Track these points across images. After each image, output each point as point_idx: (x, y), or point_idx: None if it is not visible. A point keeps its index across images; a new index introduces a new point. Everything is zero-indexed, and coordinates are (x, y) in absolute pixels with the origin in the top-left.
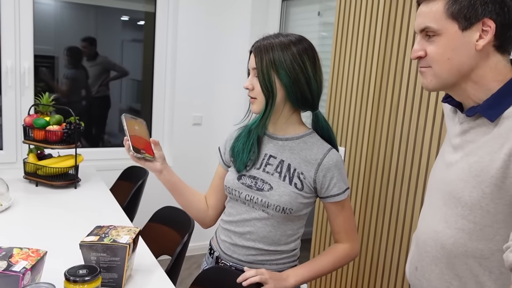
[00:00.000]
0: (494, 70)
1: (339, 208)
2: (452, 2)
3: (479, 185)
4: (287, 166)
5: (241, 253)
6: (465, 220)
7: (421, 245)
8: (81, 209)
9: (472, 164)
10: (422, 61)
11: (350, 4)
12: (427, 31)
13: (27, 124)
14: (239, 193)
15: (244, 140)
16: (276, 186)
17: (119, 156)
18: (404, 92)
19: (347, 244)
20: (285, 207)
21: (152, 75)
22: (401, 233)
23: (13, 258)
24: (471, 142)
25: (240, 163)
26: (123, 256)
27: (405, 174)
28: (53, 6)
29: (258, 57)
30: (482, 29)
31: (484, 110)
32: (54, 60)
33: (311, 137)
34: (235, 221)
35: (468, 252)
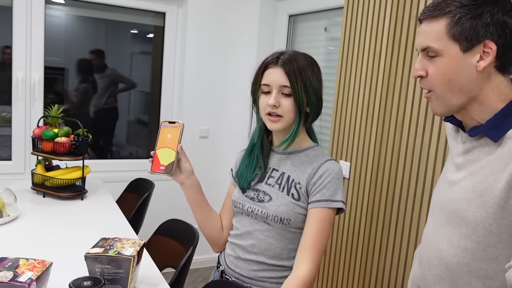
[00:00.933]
0: (497, 91)
1: (317, 217)
2: (454, 24)
3: (482, 204)
4: (286, 178)
5: (244, 267)
6: (469, 240)
7: (425, 263)
8: (87, 221)
9: (476, 184)
10: (424, 81)
11: (356, 19)
12: (428, 50)
13: (36, 135)
14: (243, 205)
15: (246, 162)
16: (275, 197)
17: (126, 168)
18: (409, 107)
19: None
20: (282, 217)
21: (160, 88)
22: (406, 248)
23: (19, 268)
24: (474, 161)
25: (244, 182)
26: (128, 268)
27: (410, 189)
28: (64, 19)
29: (292, 77)
30: (483, 51)
31: (487, 130)
32: (64, 71)
33: (313, 150)
34: (239, 234)
35: (472, 272)
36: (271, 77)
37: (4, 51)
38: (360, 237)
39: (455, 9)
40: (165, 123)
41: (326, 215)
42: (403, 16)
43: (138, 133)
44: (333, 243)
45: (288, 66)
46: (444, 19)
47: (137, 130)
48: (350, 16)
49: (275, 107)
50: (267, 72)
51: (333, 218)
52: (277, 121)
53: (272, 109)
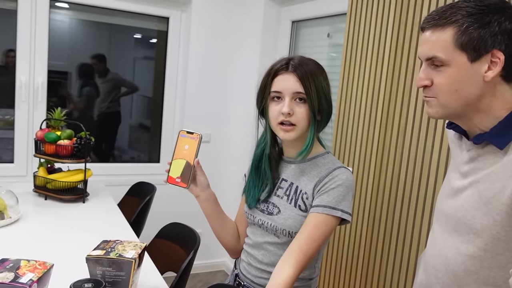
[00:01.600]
0: (501, 99)
1: (313, 221)
2: (462, 33)
3: (490, 212)
4: (295, 189)
5: (255, 275)
6: (476, 248)
7: (431, 270)
8: (89, 224)
9: (483, 191)
10: (428, 90)
11: (359, 26)
12: (434, 60)
13: (39, 138)
14: (254, 217)
15: (253, 177)
16: (283, 209)
17: (128, 171)
18: (412, 114)
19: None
20: (290, 230)
21: (163, 92)
22: (408, 254)
23: (20, 270)
24: (480, 169)
25: (251, 201)
26: (129, 271)
27: (412, 195)
28: (67, 23)
29: (306, 83)
30: (491, 60)
31: (493, 138)
32: (67, 75)
33: (323, 158)
34: (252, 244)
35: (480, 280)
36: (283, 84)
37: (8, 54)
38: (362, 243)
39: (462, 18)
40: (183, 132)
41: (323, 221)
42: (406, 23)
43: (140, 137)
44: (334, 249)
45: (301, 71)
46: (451, 28)
47: (139, 135)
48: (353, 22)
49: (289, 115)
50: (277, 79)
51: (331, 226)
52: (291, 130)
53: (286, 117)
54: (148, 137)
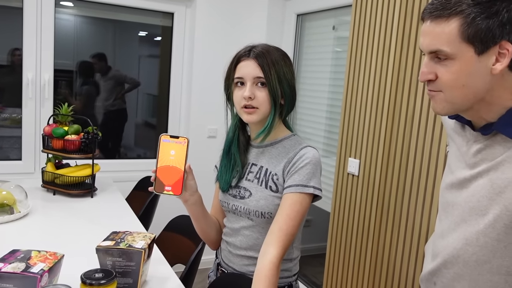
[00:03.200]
0: (509, 89)
1: (288, 201)
2: (468, 24)
3: (502, 202)
4: (264, 171)
5: (236, 262)
6: (488, 238)
7: (440, 261)
8: (97, 217)
9: (495, 181)
10: (432, 84)
11: (364, 17)
12: (438, 53)
13: (46, 133)
14: (228, 203)
15: (224, 162)
16: (254, 192)
17: (135, 167)
18: (419, 104)
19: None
20: (263, 211)
21: (168, 88)
22: (417, 243)
23: (31, 260)
24: (490, 159)
25: (224, 184)
26: (139, 261)
27: (420, 185)
28: (73, 21)
29: (266, 68)
30: (499, 52)
31: (502, 127)
32: (73, 74)
33: (290, 140)
34: (229, 232)
35: (493, 269)
36: (245, 69)
37: (14, 53)
38: (370, 233)
39: (467, 7)
40: (166, 137)
41: (297, 200)
42: (412, 13)
43: (146, 135)
44: (343, 239)
45: (261, 57)
46: (456, 19)
47: (144, 133)
48: (359, 14)
49: (250, 99)
50: (239, 65)
51: (305, 203)
52: (253, 112)
53: (248, 101)
54: (154, 134)
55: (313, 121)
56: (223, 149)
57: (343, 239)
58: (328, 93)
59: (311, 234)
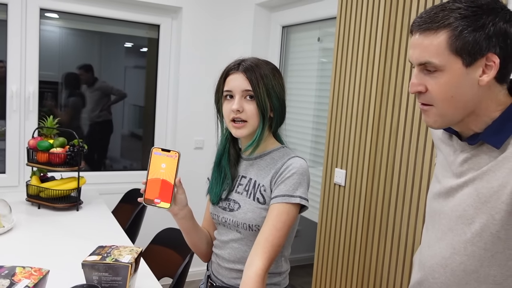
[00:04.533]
0: (495, 101)
1: (274, 212)
2: (456, 37)
3: (488, 211)
4: (253, 183)
5: (225, 275)
6: (475, 247)
7: (428, 270)
8: (83, 231)
9: (480, 190)
10: (422, 96)
11: (349, 29)
12: (427, 65)
13: (31, 146)
14: (217, 216)
15: (215, 174)
16: (243, 204)
17: (121, 180)
18: (403, 115)
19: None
20: (250, 224)
21: (155, 100)
22: (404, 252)
23: (16, 276)
24: (476, 168)
25: (214, 197)
26: (125, 276)
27: (406, 196)
28: (58, 33)
29: (254, 81)
30: (486, 64)
31: (488, 137)
32: (58, 85)
33: (279, 151)
34: (218, 244)
35: (481, 278)
36: (233, 82)
37: None
38: (358, 243)
39: (455, 21)
40: (157, 150)
41: (283, 210)
42: (395, 25)
43: (132, 146)
44: (330, 249)
45: (250, 71)
46: (444, 32)
47: (130, 144)
48: (343, 26)
49: (239, 112)
50: (228, 78)
51: (292, 214)
52: (242, 127)
53: (236, 114)
54: (140, 146)
55: (299, 132)
56: (214, 161)
57: (330, 249)
58: (314, 104)
59: (299, 244)
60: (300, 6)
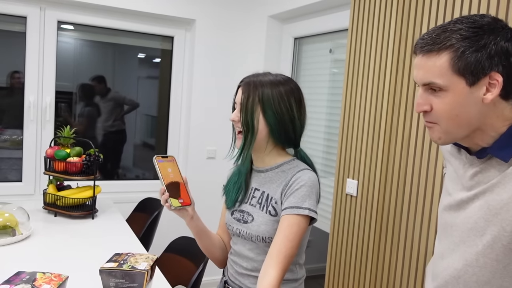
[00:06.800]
0: (502, 117)
1: (285, 223)
2: (458, 58)
3: (500, 223)
4: (266, 196)
5: (242, 281)
6: (487, 258)
7: (441, 282)
8: (99, 239)
9: (491, 202)
10: (428, 115)
11: (360, 41)
12: (431, 85)
13: (49, 155)
14: (232, 227)
15: (235, 179)
16: (256, 216)
17: (135, 189)
18: (415, 125)
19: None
20: (263, 236)
21: (168, 110)
22: (416, 263)
23: (37, 282)
24: (486, 182)
25: (229, 201)
26: (141, 282)
27: (418, 206)
28: (72, 44)
29: (245, 93)
30: (489, 83)
31: (497, 151)
32: (72, 95)
33: (289, 164)
34: (235, 253)
35: None
36: (237, 95)
37: (13, 76)
38: (369, 254)
39: (457, 42)
40: (159, 158)
41: (293, 221)
42: (407, 37)
43: (144, 156)
44: (342, 260)
45: (246, 85)
46: (446, 53)
47: (143, 153)
48: (355, 38)
49: (235, 122)
50: None
51: (302, 225)
52: (240, 138)
53: (233, 124)
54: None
55: (311, 142)
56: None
57: (342, 260)
58: (326, 114)
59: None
60: (312, 18)
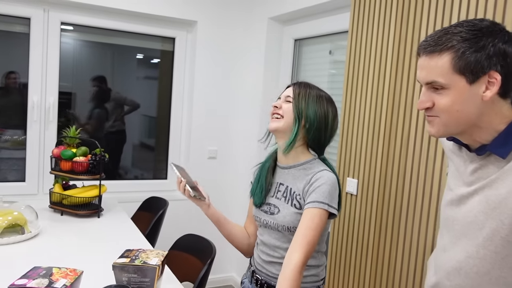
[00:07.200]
0: (500, 114)
1: (307, 215)
2: (458, 58)
3: (498, 216)
4: (290, 191)
5: (269, 269)
6: (487, 250)
7: (443, 274)
8: (106, 237)
9: (490, 197)
10: (430, 111)
11: (360, 43)
12: (434, 84)
13: (55, 155)
14: (260, 218)
15: (258, 176)
16: (282, 209)
17: (138, 188)
18: (414, 125)
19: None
20: (289, 226)
21: (169, 111)
22: (415, 261)
23: (53, 276)
24: (485, 177)
25: (256, 198)
26: (153, 277)
27: (417, 204)
28: (72, 44)
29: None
30: (488, 81)
31: (495, 148)
32: (71, 96)
33: (311, 163)
34: (261, 243)
35: (493, 280)
36: (283, 93)
37: (9, 76)
38: (369, 252)
39: (457, 43)
40: (174, 165)
41: (316, 213)
42: (406, 39)
43: (143, 157)
44: (342, 258)
45: (298, 85)
46: (448, 54)
47: (141, 154)
48: (355, 39)
49: (277, 108)
50: None
51: (323, 218)
52: (275, 121)
53: (274, 110)
54: (152, 156)
55: None
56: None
57: (342, 258)
58: None
59: None
60: (312, 20)
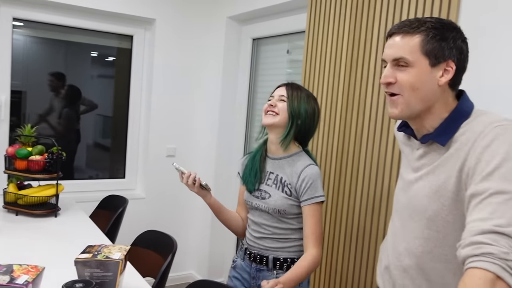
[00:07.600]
0: (446, 103)
1: (310, 212)
2: (427, 41)
3: (439, 199)
4: (280, 179)
5: (261, 243)
6: (430, 230)
7: (395, 255)
8: (64, 236)
9: (432, 182)
10: (392, 87)
11: (317, 42)
12: (400, 61)
13: (10, 154)
14: (251, 203)
15: (250, 166)
16: (273, 194)
17: (95, 188)
18: (367, 121)
19: (313, 250)
20: (279, 209)
21: (127, 109)
22: (368, 248)
23: (15, 273)
24: (428, 164)
25: (250, 185)
26: (116, 272)
27: (369, 194)
28: (22, 41)
29: (289, 90)
30: (445, 69)
31: (436, 137)
32: (22, 94)
33: (298, 155)
34: (252, 223)
35: (435, 258)
36: (276, 92)
37: None
38: (325, 240)
39: (427, 29)
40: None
41: (315, 208)
42: (359, 39)
43: (98, 157)
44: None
45: (290, 86)
46: (419, 36)
47: (96, 154)
48: (311, 39)
49: (272, 106)
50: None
51: (320, 209)
52: (269, 116)
53: (270, 108)
54: (107, 156)
55: None
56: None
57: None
58: None
59: None
60: (270, 20)
